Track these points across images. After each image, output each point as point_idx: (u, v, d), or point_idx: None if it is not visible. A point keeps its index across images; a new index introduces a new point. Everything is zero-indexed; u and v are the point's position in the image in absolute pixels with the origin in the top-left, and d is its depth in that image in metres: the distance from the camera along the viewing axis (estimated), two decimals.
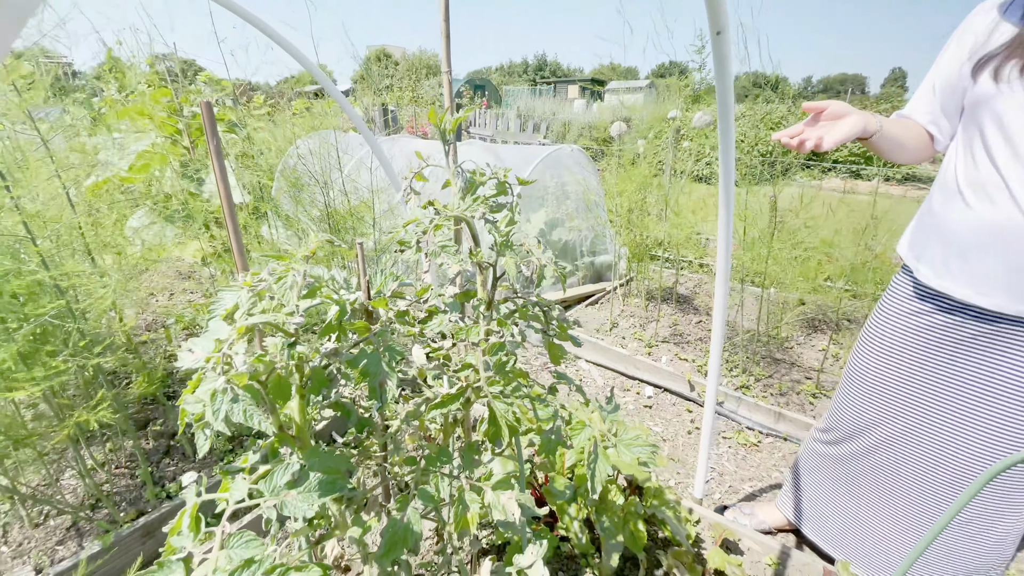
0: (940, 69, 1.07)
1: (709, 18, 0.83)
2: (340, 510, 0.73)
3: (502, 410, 0.62)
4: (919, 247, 1.12)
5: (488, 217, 0.70)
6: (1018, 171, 0.92)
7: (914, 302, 1.13)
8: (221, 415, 0.49)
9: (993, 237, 0.95)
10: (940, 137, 1.08)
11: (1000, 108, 0.93)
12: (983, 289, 0.98)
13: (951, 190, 1.03)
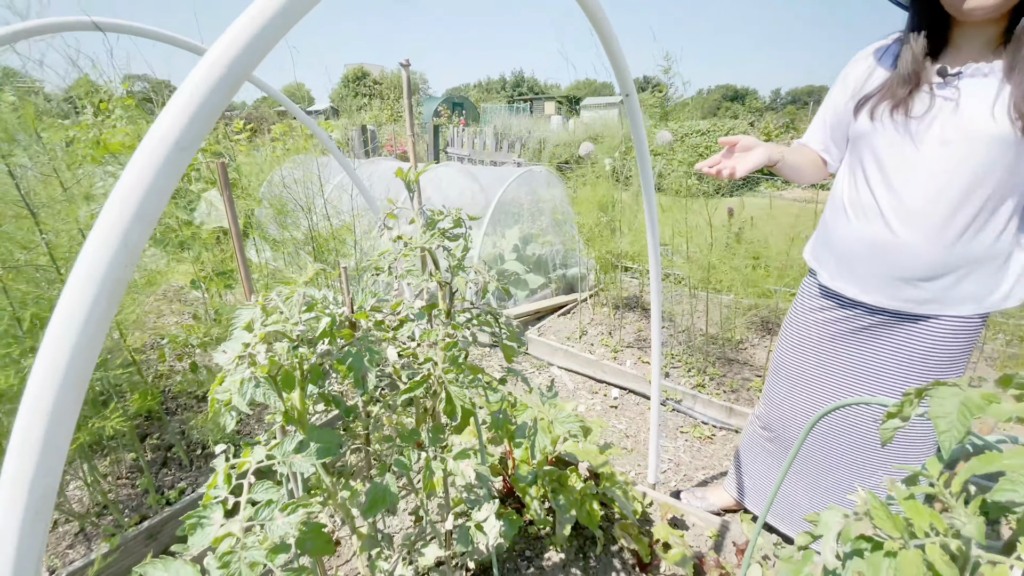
0: (829, 106, 1.30)
1: (619, 84, 1.06)
2: (332, 481, 0.91)
3: (455, 392, 0.81)
4: (818, 254, 1.35)
5: (445, 245, 0.90)
6: (888, 197, 1.15)
7: (818, 300, 1.36)
8: (247, 397, 0.67)
9: (870, 248, 1.18)
10: (831, 162, 1.32)
11: (875, 142, 1.16)
12: (866, 289, 1.21)
13: (839, 207, 1.26)
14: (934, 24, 1.06)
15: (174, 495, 1.83)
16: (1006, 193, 1.03)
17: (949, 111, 1.03)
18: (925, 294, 1.13)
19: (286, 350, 0.74)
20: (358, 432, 0.92)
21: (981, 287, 1.10)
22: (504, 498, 1.72)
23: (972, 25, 1.02)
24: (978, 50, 1.04)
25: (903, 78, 1.07)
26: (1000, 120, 0.97)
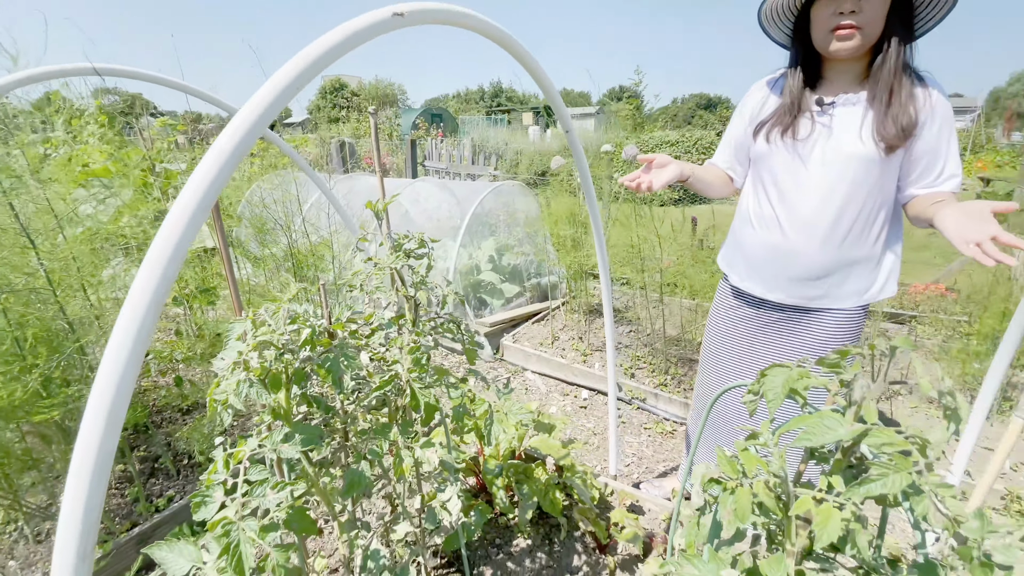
0: (732, 131, 1.49)
1: (559, 122, 1.23)
2: (315, 471, 1.05)
3: (419, 390, 0.96)
4: (729, 259, 1.54)
5: (409, 264, 1.06)
6: (783, 209, 1.34)
7: (732, 300, 1.55)
8: (243, 395, 0.81)
9: (770, 253, 1.37)
10: (737, 179, 1.51)
11: (771, 162, 1.35)
12: (769, 288, 1.40)
13: (745, 218, 1.45)
14: (810, 61, 1.27)
15: (163, 503, 1.92)
16: (878, 204, 1.24)
17: (826, 135, 1.23)
18: (816, 291, 1.32)
19: (274, 356, 0.88)
20: (337, 427, 1.05)
21: (861, 283, 1.30)
22: (477, 493, 1.86)
23: (840, 62, 1.22)
24: (847, 83, 1.24)
25: (788, 107, 1.27)
26: (866, 142, 1.17)
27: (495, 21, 0.91)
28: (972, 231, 0.94)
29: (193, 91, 1.73)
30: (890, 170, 1.21)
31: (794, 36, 1.28)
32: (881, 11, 1.12)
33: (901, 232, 1.33)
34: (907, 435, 0.55)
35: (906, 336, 3.52)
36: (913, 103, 1.15)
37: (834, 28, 1.14)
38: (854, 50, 1.15)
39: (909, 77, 1.16)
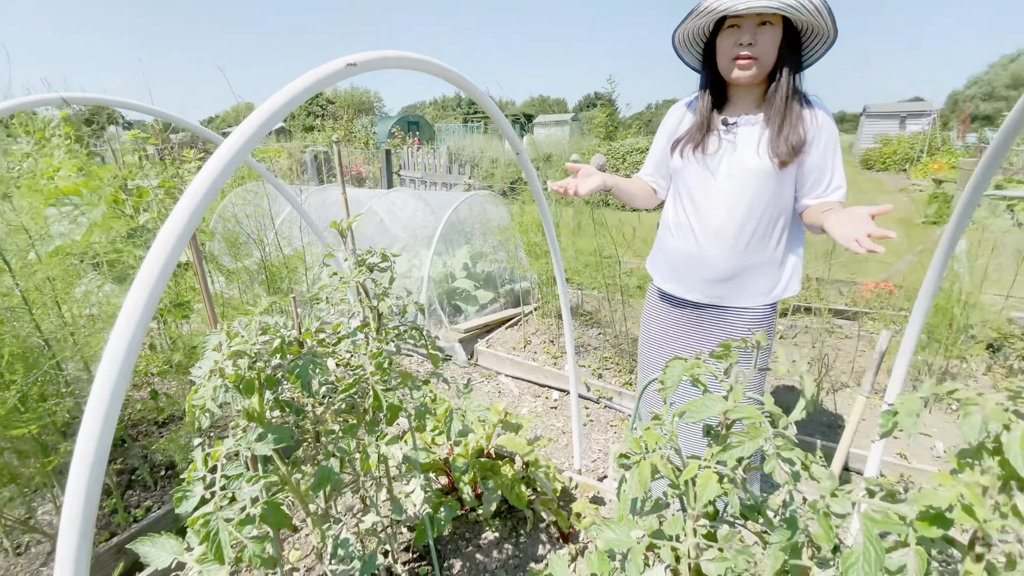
0: (655, 147, 1.64)
1: (510, 144, 1.35)
2: (288, 470, 1.14)
3: (381, 391, 1.06)
4: (654, 263, 1.69)
5: (372, 278, 1.16)
6: (696, 218, 1.49)
7: (659, 300, 1.69)
8: (219, 400, 0.90)
9: (687, 258, 1.52)
10: (660, 191, 1.66)
11: (685, 175, 1.50)
12: (688, 289, 1.54)
13: (666, 226, 1.60)
14: (717, 85, 1.43)
15: (140, 513, 1.97)
16: (776, 212, 1.40)
17: (731, 151, 1.39)
18: (725, 291, 1.48)
19: (247, 365, 0.98)
20: (307, 428, 1.15)
21: (766, 284, 1.46)
22: (448, 491, 1.96)
23: (741, 87, 1.39)
24: (748, 105, 1.41)
25: (699, 125, 1.44)
26: (763, 158, 1.34)
27: (433, 58, 1.03)
28: (851, 230, 1.09)
29: (162, 114, 1.81)
30: (785, 182, 1.37)
31: (703, 62, 1.44)
32: (774, 45, 1.29)
33: (802, 237, 1.50)
34: (765, 410, 0.68)
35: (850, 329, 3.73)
36: (802, 124, 1.32)
37: (735, 57, 1.30)
38: (751, 77, 1.32)
39: (798, 101, 1.34)
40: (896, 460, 2.29)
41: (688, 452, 1.65)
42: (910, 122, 19.75)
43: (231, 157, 0.65)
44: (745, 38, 1.27)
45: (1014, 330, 3.50)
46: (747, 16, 1.26)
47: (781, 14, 1.23)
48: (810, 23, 1.26)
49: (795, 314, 3.97)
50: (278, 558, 1.12)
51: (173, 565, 1.00)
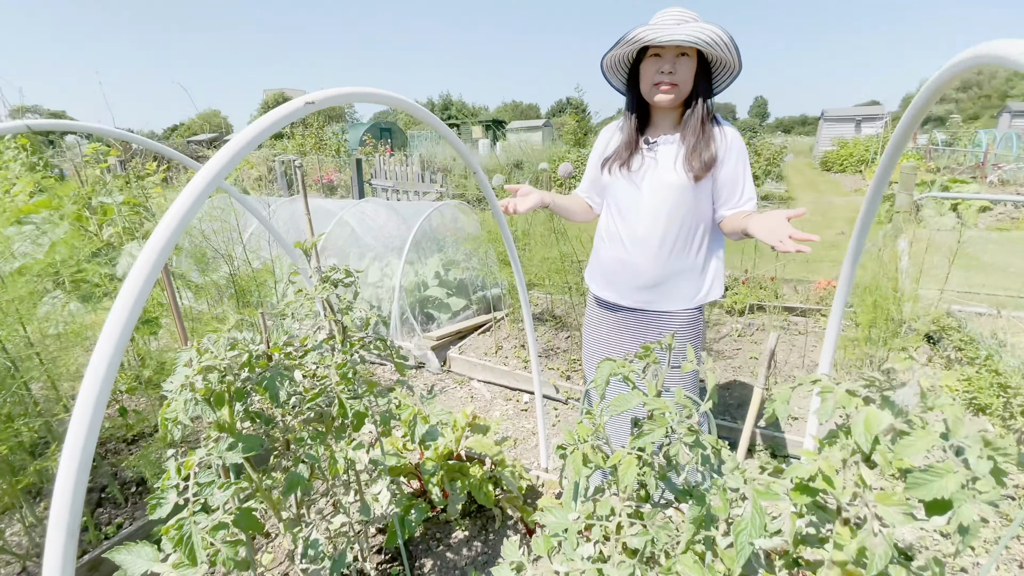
0: (589, 166, 1.77)
1: (467, 165, 1.45)
2: (259, 477, 1.21)
3: (346, 399, 1.14)
4: (592, 272, 1.81)
5: (336, 294, 1.24)
6: (625, 229, 1.62)
7: (596, 307, 1.81)
8: (190, 413, 0.96)
9: (619, 266, 1.65)
10: (595, 206, 1.79)
11: (615, 190, 1.64)
12: (623, 295, 1.67)
13: (601, 237, 1.74)
14: (641, 108, 1.58)
15: (112, 530, 1.99)
16: (695, 223, 1.55)
17: (653, 167, 1.54)
18: (655, 296, 1.61)
19: (217, 378, 1.05)
20: (277, 437, 1.22)
21: (690, 289, 1.60)
22: (419, 494, 2.03)
23: (662, 110, 1.55)
24: (667, 126, 1.57)
25: (625, 144, 1.58)
26: (680, 173, 1.49)
27: (383, 90, 1.12)
28: (776, 231, 1.22)
29: (129, 137, 1.84)
30: (702, 195, 1.53)
31: (628, 86, 1.58)
32: (691, 74, 1.45)
33: (721, 245, 1.65)
34: (676, 402, 0.80)
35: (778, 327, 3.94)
36: (714, 142, 1.48)
37: (657, 83, 1.45)
38: (671, 102, 1.48)
39: (711, 123, 1.50)
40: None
41: (622, 443, 1.77)
42: (865, 125, 20.68)
43: (197, 196, 0.72)
44: (666, 67, 1.43)
45: (952, 323, 3.77)
46: (669, 47, 1.41)
47: (696, 47, 1.38)
48: (720, 57, 1.42)
49: (752, 312, 4.17)
50: (251, 561, 1.18)
51: (148, 574, 1.06)
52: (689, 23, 1.38)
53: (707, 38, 1.34)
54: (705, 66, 1.47)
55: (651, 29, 1.38)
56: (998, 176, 10.96)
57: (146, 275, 0.68)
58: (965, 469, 0.60)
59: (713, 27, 1.36)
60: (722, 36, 1.36)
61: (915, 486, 0.60)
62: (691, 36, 1.34)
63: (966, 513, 0.57)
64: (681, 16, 1.40)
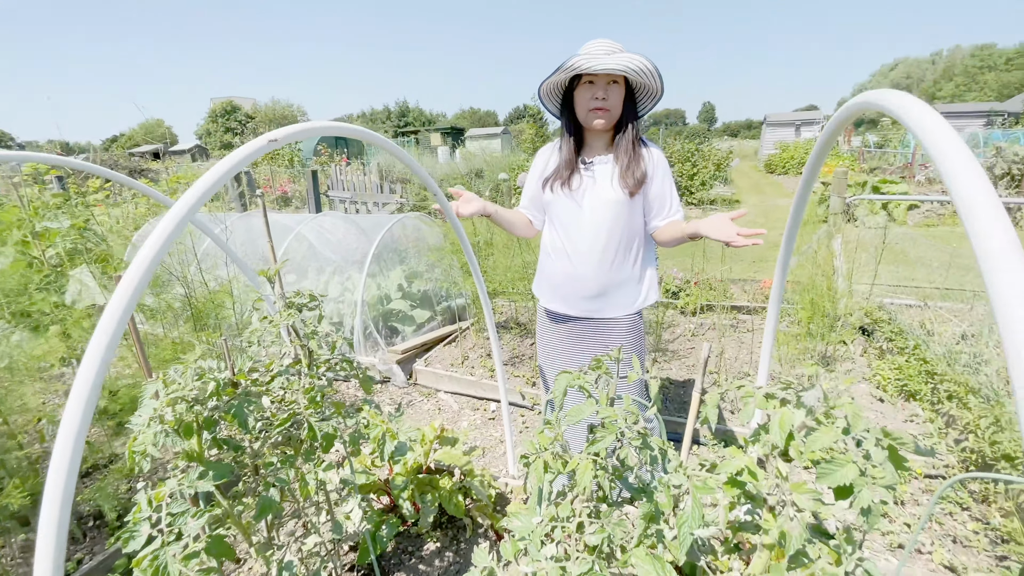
0: (528, 183, 1.87)
1: (428, 187, 1.50)
2: (229, 504, 1.22)
3: (315, 422, 1.17)
4: (539, 286, 1.92)
5: (302, 319, 1.27)
6: (568, 243, 1.73)
7: (546, 318, 1.92)
8: (160, 444, 0.98)
9: (564, 278, 1.76)
10: (535, 221, 1.88)
11: (556, 207, 1.74)
12: (571, 305, 1.78)
13: (547, 253, 1.84)
14: (577, 130, 1.70)
15: (71, 566, 1.91)
16: (631, 235, 1.68)
17: (592, 185, 1.67)
18: (599, 304, 1.73)
19: (184, 409, 1.06)
20: (246, 463, 1.23)
21: (630, 296, 1.73)
22: (389, 510, 2.06)
23: (596, 132, 1.67)
24: (602, 147, 1.70)
25: (564, 164, 1.70)
26: (616, 190, 1.62)
27: (342, 124, 1.17)
28: (726, 230, 1.36)
29: (64, 162, 1.80)
30: (636, 210, 1.66)
31: (563, 111, 1.70)
32: (620, 99, 1.59)
33: (654, 255, 1.80)
34: (625, 409, 0.88)
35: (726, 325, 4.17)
36: (643, 162, 1.63)
37: (592, 108, 1.58)
38: (604, 125, 1.61)
39: (639, 143, 1.65)
40: None
41: (580, 449, 1.87)
42: (804, 129, 21.93)
43: (164, 240, 0.76)
44: (600, 93, 1.55)
45: (883, 315, 4.08)
46: (601, 75, 1.54)
47: (624, 75, 1.51)
48: (645, 84, 1.56)
49: (704, 312, 4.39)
50: None
51: None
52: (617, 53, 1.51)
53: (635, 67, 1.48)
54: (631, 91, 1.62)
55: (586, 59, 1.50)
56: (925, 175, 11.86)
57: (118, 319, 0.71)
58: (863, 459, 0.71)
59: (639, 57, 1.50)
60: (647, 65, 1.50)
61: (823, 475, 0.70)
62: (621, 65, 1.47)
63: (865, 497, 0.67)
64: (609, 47, 1.54)
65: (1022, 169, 7.71)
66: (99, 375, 0.69)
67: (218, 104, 49.28)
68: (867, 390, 3.17)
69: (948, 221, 8.15)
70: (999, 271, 0.44)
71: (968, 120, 22.11)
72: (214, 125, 47.36)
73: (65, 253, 2.79)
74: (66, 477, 0.65)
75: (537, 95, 1.69)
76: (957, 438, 2.63)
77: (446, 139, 32.22)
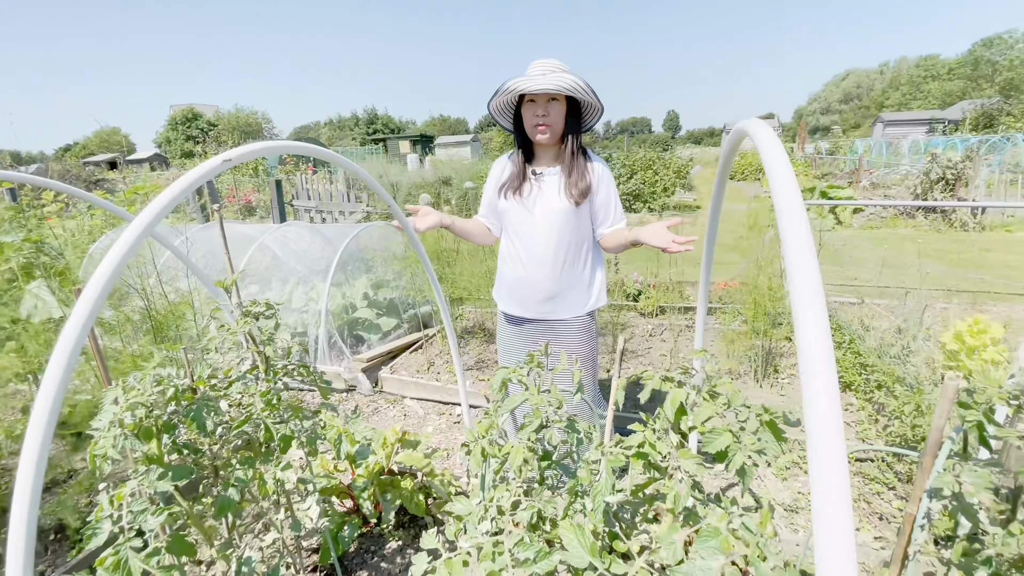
0: (486, 193, 1.99)
1: (381, 197, 1.59)
2: (189, 504, 1.28)
3: (271, 423, 1.25)
4: (498, 291, 2.04)
5: (259, 326, 1.34)
6: (523, 249, 1.86)
7: (505, 322, 2.04)
8: (119, 447, 1.03)
9: (519, 282, 1.88)
10: (493, 229, 2.00)
11: (511, 215, 1.87)
12: (527, 308, 1.90)
13: (503, 258, 1.96)
14: (527, 143, 1.83)
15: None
16: (580, 241, 1.82)
17: (541, 195, 1.80)
18: (552, 307, 1.86)
19: (144, 414, 1.12)
20: (206, 465, 1.29)
21: (581, 298, 1.87)
22: (352, 512, 2.12)
23: (543, 146, 1.81)
24: (549, 159, 1.84)
25: (516, 175, 1.83)
26: (563, 199, 1.76)
27: (294, 142, 1.26)
28: (661, 237, 1.51)
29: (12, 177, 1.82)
30: (583, 218, 1.81)
31: (515, 126, 1.83)
32: (561, 116, 1.72)
33: (602, 260, 1.94)
34: (551, 396, 1.00)
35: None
36: (588, 174, 1.77)
37: (534, 124, 1.71)
38: (548, 139, 1.75)
39: (583, 157, 1.79)
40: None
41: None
42: None
43: (123, 256, 0.83)
44: (540, 111, 1.69)
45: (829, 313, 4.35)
46: (541, 94, 1.67)
47: (563, 93, 1.64)
48: (584, 100, 1.70)
49: (663, 313, 4.59)
50: None
51: None
52: (554, 73, 1.64)
53: (567, 85, 1.61)
54: (577, 108, 1.75)
55: (523, 80, 1.64)
56: (870, 180, 12.55)
57: (80, 327, 0.78)
58: (740, 429, 0.84)
59: (573, 77, 1.65)
60: (579, 83, 1.63)
61: (707, 443, 0.83)
62: (554, 84, 1.60)
63: (737, 460, 0.80)
64: (548, 67, 1.68)
65: (955, 174, 8.31)
66: (64, 377, 0.76)
67: (179, 111, 47.79)
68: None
69: (890, 223, 8.68)
70: (797, 264, 0.57)
71: (912, 128, 23.47)
72: (174, 133, 45.90)
73: (19, 268, 2.74)
74: (34, 475, 0.72)
75: (489, 112, 1.81)
76: (886, 424, 2.86)
77: (415, 147, 32.17)
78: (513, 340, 2.01)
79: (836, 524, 0.43)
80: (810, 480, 0.47)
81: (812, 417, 0.48)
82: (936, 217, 8.44)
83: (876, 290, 5.00)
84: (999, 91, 46.53)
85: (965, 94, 51.20)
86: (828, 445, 0.46)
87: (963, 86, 55.97)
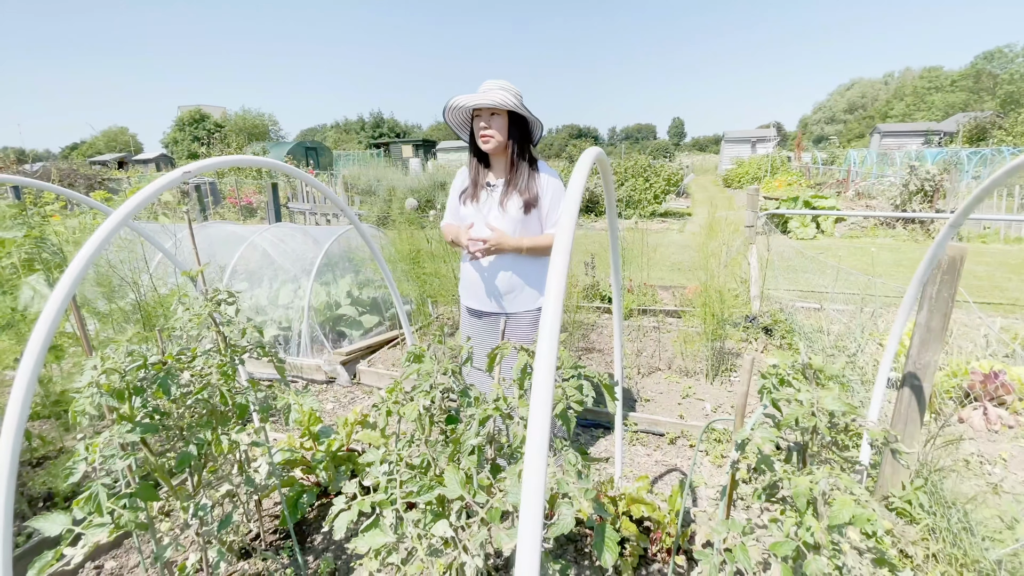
0: (451, 199, 2.23)
1: (340, 209, 1.84)
2: (155, 459, 1.52)
3: (226, 391, 1.49)
4: (462, 286, 2.27)
5: (220, 311, 1.59)
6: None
7: (468, 315, 2.27)
8: (95, 402, 1.27)
9: (476, 279, 2.11)
10: None
11: (469, 220, 2.09)
12: (482, 302, 2.13)
13: (464, 257, 2.19)
14: (481, 154, 2.06)
15: (22, 540, 2.14)
16: None
17: (495, 203, 2.02)
18: (507, 301, 2.09)
19: (118, 378, 1.37)
20: (171, 426, 1.53)
21: (532, 293, 2.09)
22: (316, 485, 2.35)
23: (494, 156, 2.04)
24: (501, 169, 2.07)
25: (473, 183, 2.06)
26: (510, 207, 1.98)
27: (253, 156, 1.50)
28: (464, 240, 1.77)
29: (18, 181, 2.07)
30: (531, 223, 2.03)
31: (470, 138, 2.07)
32: (503, 128, 1.94)
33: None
34: (442, 365, 1.23)
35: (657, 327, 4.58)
36: (535, 185, 2.00)
37: (478, 135, 1.95)
38: (492, 149, 1.97)
39: (530, 167, 2.02)
40: (676, 420, 3.03)
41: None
42: (759, 146, 23.08)
43: (94, 250, 1.08)
44: (482, 123, 1.93)
45: (782, 317, 4.57)
46: (484, 109, 1.91)
47: (498, 107, 1.88)
48: (522, 114, 1.92)
49: (638, 315, 4.81)
50: (149, 524, 1.49)
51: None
52: (492, 91, 1.88)
53: (499, 100, 1.85)
54: (520, 122, 1.97)
55: (465, 96, 1.89)
56: (855, 190, 12.76)
57: (51, 320, 1.02)
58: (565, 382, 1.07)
59: (506, 94, 1.87)
60: (509, 98, 1.86)
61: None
62: (486, 99, 1.85)
63: (559, 407, 1.03)
64: (491, 86, 1.92)
65: (932, 186, 8.51)
66: (47, 339, 1.00)
67: (186, 112, 48.32)
68: (755, 380, 3.61)
69: (870, 232, 8.88)
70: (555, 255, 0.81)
71: (908, 139, 23.69)
72: (181, 134, 46.39)
73: (20, 263, 2.99)
74: (14, 435, 0.96)
75: (449, 126, 2.06)
76: None
77: (418, 151, 32.52)
78: (472, 331, 2.25)
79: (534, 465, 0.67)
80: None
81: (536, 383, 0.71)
82: (915, 227, 8.64)
83: (841, 296, 5.22)
84: (1000, 104, 46.67)
85: (967, 106, 51.35)
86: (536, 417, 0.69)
87: (965, 98, 56.11)
